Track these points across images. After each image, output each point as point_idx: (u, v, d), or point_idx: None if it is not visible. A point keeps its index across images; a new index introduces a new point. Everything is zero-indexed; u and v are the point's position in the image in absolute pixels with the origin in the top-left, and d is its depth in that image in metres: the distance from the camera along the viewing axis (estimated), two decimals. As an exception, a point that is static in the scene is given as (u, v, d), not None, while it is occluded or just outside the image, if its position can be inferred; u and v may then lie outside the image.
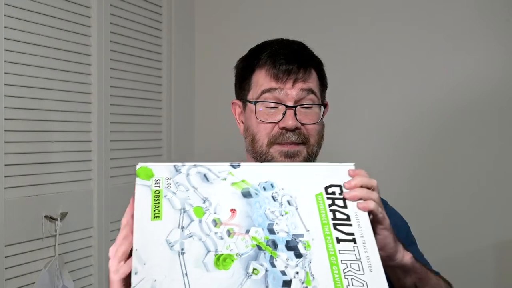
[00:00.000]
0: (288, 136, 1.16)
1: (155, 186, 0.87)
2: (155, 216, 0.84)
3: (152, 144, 2.32)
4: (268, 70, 1.18)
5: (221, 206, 0.85)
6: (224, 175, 0.89)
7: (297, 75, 1.16)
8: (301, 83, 1.17)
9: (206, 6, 2.56)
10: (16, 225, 1.65)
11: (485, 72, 2.11)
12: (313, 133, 1.19)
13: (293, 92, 1.16)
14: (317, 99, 1.19)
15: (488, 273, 2.09)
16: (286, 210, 0.86)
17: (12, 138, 1.65)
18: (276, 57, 1.18)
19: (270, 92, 1.17)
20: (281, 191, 0.88)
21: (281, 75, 1.16)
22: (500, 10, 2.09)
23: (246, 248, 0.81)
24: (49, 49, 1.77)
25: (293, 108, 1.16)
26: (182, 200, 0.85)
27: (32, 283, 1.69)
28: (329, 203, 0.88)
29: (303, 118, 1.17)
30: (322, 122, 1.22)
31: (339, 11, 2.31)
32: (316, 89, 1.20)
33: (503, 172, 2.09)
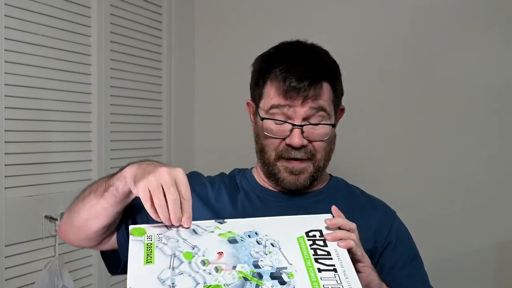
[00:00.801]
0: (293, 153, 1.17)
1: (147, 240, 0.92)
2: (147, 261, 0.88)
3: (152, 144, 2.32)
4: (278, 86, 1.17)
5: (209, 250, 0.90)
6: (211, 229, 0.96)
7: (307, 93, 1.15)
8: (310, 101, 1.16)
9: (206, 6, 2.56)
10: (16, 225, 1.65)
11: (485, 70, 2.11)
12: (320, 149, 1.19)
13: (301, 110, 1.16)
14: (327, 115, 1.18)
15: (488, 273, 2.09)
16: (270, 250, 0.92)
17: (12, 138, 1.65)
18: (288, 73, 1.16)
19: (278, 108, 1.17)
20: (265, 237, 0.94)
21: (290, 93, 1.15)
22: (497, 8, 2.09)
23: (233, 279, 0.85)
24: (49, 49, 1.77)
25: (300, 127, 1.16)
26: (173, 248, 0.90)
27: (32, 283, 1.69)
28: (310, 243, 0.93)
29: (311, 135, 1.17)
30: (332, 134, 1.20)
31: (336, 14, 2.31)
32: (327, 104, 1.18)
33: (503, 172, 2.09)
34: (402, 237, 1.25)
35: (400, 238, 1.24)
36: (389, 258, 1.20)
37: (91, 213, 1.06)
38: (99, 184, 1.07)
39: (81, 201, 1.08)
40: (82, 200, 1.08)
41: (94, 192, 1.06)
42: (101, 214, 1.05)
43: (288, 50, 1.24)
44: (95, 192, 1.05)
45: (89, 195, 1.07)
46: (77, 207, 1.09)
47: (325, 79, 1.18)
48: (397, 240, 1.23)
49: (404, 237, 1.26)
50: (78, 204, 1.09)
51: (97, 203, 1.05)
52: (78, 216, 1.08)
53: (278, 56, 1.22)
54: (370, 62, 2.26)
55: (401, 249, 1.22)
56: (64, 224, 1.16)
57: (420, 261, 1.26)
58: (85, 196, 1.08)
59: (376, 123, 2.26)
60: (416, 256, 1.26)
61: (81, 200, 1.09)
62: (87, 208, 1.06)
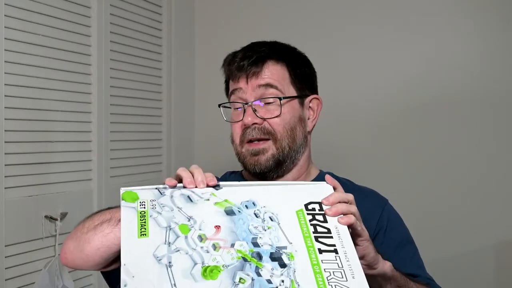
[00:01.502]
0: (249, 133, 1.19)
1: (140, 207, 0.89)
2: (141, 234, 0.85)
3: (152, 144, 2.32)
4: (228, 72, 1.24)
5: (205, 223, 0.87)
6: (207, 196, 0.92)
7: (249, 70, 1.18)
8: (254, 78, 1.19)
9: (206, 6, 2.56)
10: (16, 225, 1.65)
11: (484, 69, 2.11)
12: (278, 127, 1.19)
13: (248, 89, 1.19)
14: (280, 93, 1.19)
15: (488, 273, 2.09)
16: (268, 225, 0.89)
17: (12, 138, 1.65)
18: (234, 57, 1.22)
19: (234, 93, 1.22)
20: (263, 209, 0.91)
21: (235, 73, 1.21)
22: (492, 3, 2.09)
23: (232, 260, 0.83)
24: (49, 49, 1.77)
25: (250, 105, 1.18)
26: (168, 219, 0.87)
27: (32, 283, 1.69)
28: (309, 218, 0.91)
29: (265, 113, 1.19)
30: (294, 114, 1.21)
31: (336, 15, 2.31)
32: (279, 83, 1.19)
33: (503, 172, 2.09)
34: (393, 222, 1.23)
35: (392, 223, 1.22)
36: (381, 244, 1.18)
37: (103, 242, 1.03)
38: (112, 213, 1.05)
39: (92, 230, 1.06)
40: (93, 229, 1.06)
41: (108, 222, 1.03)
42: (113, 244, 1.03)
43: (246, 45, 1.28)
44: (109, 222, 1.03)
45: (101, 224, 1.05)
46: (86, 236, 1.06)
47: (271, 58, 1.20)
48: (388, 225, 1.21)
49: (396, 223, 1.24)
50: (88, 233, 1.06)
51: (111, 233, 1.02)
52: (89, 245, 1.06)
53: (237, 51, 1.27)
54: (363, 57, 2.26)
55: (393, 234, 1.21)
56: (71, 252, 1.13)
57: (414, 247, 1.25)
58: (96, 225, 1.06)
59: (376, 123, 2.25)
60: (410, 241, 1.24)
61: (91, 229, 1.06)
62: (99, 238, 1.04)
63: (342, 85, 2.31)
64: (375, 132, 2.26)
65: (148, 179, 2.27)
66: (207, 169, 1.43)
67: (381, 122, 2.25)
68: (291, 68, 1.22)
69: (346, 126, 2.31)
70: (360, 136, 2.28)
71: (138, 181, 2.21)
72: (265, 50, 1.21)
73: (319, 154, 1.53)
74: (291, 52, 1.26)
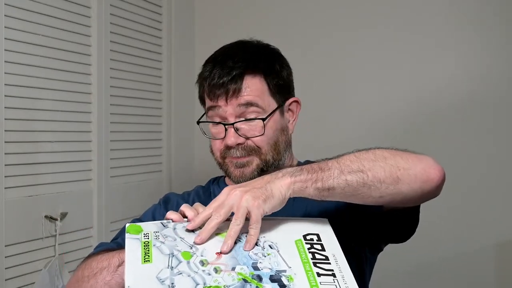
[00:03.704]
0: (233, 152, 1.17)
1: (144, 238, 0.92)
2: (145, 260, 0.88)
3: (152, 144, 2.32)
4: (205, 88, 1.19)
5: (207, 250, 0.90)
6: None
7: (227, 90, 1.15)
8: (234, 98, 1.15)
9: (206, 6, 2.56)
10: (16, 225, 1.65)
11: (482, 69, 2.11)
12: (261, 144, 1.17)
13: (229, 109, 1.16)
14: (261, 110, 1.16)
15: (488, 273, 2.09)
16: (268, 252, 0.91)
17: (12, 138, 1.65)
18: (210, 73, 1.17)
19: (212, 110, 1.19)
20: (263, 238, 0.94)
21: (214, 92, 1.16)
22: (492, 8, 2.09)
23: (232, 281, 0.85)
24: (49, 49, 1.77)
25: (232, 125, 1.15)
26: (170, 247, 0.90)
27: (32, 283, 1.69)
28: (308, 246, 0.93)
29: (247, 132, 1.17)
30: (275, 127, 1.18)
31: (336, 15, 2.32)
32: (259, 98, 1.16)
33: (504, 171, 2.09)
34: None
35: None
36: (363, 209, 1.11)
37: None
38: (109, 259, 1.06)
39: (93, 278, 1.06)
40: (94, 277, 1.06)
41: (107, 269, 1.04)
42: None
43: (219, 51, 1.25)
44: (108, 269, 1.04)
45: (101, 272, 1.05)
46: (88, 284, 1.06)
47: (250, 74, 1.16)
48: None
49: None
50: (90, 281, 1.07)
51: (112, 279, 1.03)
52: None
53: (209, 59, 1.23)
54: (363, 60, 2.27)
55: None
56: None
57: None
58: (96, 273, 1.06)
59: (376, 123, 2.26)
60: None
61: (92, 277, 1.07)
62: (101, 285, 1.04)
63: (342, 85, 2.31)
64: (375, 132, 2.26)
65: (148, 179, 2.27)
66: (207, 169, 1.44)
67: (381, 122, 2.25)
68: (269, 79, 1.18)
69: (346, 126, 2.31)
70: (361, 137, 2.28)
71: (138, 181, 2.21)
72: (241, 64, 1.17)
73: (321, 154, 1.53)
74: (266, 59, 1.21)
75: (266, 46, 1.26)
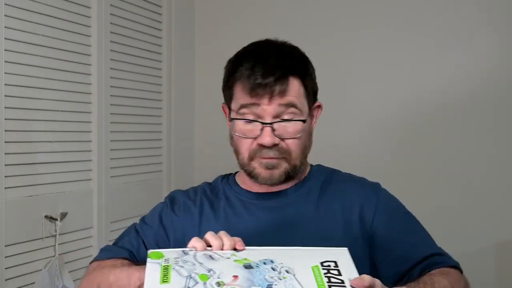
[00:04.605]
0: (266, 152, 1.15)
1: (164, 263, 0.95)
2: (163, 281, 0.91)
3: (152, 144, 2.32)
4: (244, 85, 1.15)
5: (224, 273, 0.92)
6: (228, 255, 0.98)
7: (273, 90, 1.13)
8: (278, 98, 1.13)
9: (206, 6, 2.56)
10: (16, 225, 1.65)
11: (481, 69, 2.11)
12: (293, 147, 1.16)
13: (270, 108, 1.14)
14: (298, 111, 1.15)
15: (488, 273, 2.09)
16: (284, 276, 0.93)
17: (12, 138, 1.65)
18: (253, 70, 1.15)
19: (247, 107, 1.16)
20: (280, 264, 0.96)
21: (256, 91, 1.13)
22: (492, 8, 2.09)
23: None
24: (49, 49, 1.77)
25: (270, 124, 1.14)
26: (189, 270, 0.93)
27: (32, 283, 1.69)
28: (324, 272, 0.95)
29: (283, 133, 1.15)
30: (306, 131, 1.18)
31: (335, 15, 2.32)
32: (298, 100, 1.15)
33: (504, 171, 2.09)
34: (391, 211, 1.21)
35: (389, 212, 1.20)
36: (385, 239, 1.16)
37: None
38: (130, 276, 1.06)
39: None
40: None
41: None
42: None
43: (255, 49, 1.23)
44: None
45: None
46: None
47: (292, 75, 1.15)
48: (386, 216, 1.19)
49: (393, 211, 1.21)
50: None
51: None
52: None
53: (245, 55, 1.21)
54: (363, 60, 2.27)
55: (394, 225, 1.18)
56: None
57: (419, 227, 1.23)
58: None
59: (376, 122, 2.26)
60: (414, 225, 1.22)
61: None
62: None
63: (342, 85, 2.31)
64: (376, 132, 2.26)
65: (148, 179, 2.27)
66: (207, 169, 1.43)
67: (382, 122, 2.25)
68: (306, 82, 1.18)
69: (346, 126, 2.31)
70: (361, 136, 2.28)
71: (138, 181, 2.21)
72: (283, 65, 1.15)
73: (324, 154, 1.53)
74: (301, 61, 1.21)
75: (297, 47, 1.25)
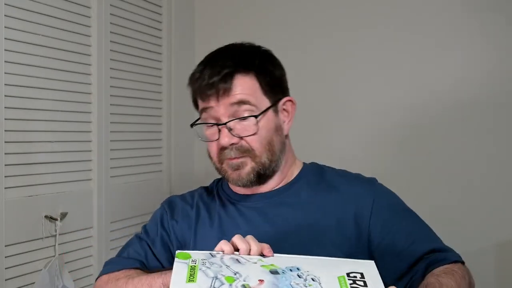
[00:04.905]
0: (228, 153, 1.17)
1: (191, 263, 0.97)
2: (190, 280, 0.92)
3: (152, 144, 2.32)
4: (196, 89, 1.19)
5: (250, 277, 0.94)
6: (254, 260, 0.99)
7: (218, 90, 1.14)
8: (225, 97, 1.15)
9: (206, 6, 2.56)
10: (16, 225, 1.65)
11: (482, 69, 2.11)
12: (254, 144, 1.16)
13: (221, 109, 1.15)
14: (254, 108, 1.16)
15: (488, 273, 2.09)
16: (310, 283, 0.94)
17: (12, 138, 1.65)
18: (202, 73, 1.17)
19: (205, 111, 1.19)
20: (306, 272, 0.97)
21: (205, 93, 1.16)
22: (492, 8, 2.09)
23: None
24: (49, 49, 1.77)
25: (225, 125, 1.15)
26: (215, 272, 0.94)
27: (32, 283, 1.69)
28: (350, 282, 0.96)
29: (241, 131, 1.16)
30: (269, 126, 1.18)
31: (336, 15, 2.32)
32: (251, 96, 1.16)
33: (504, 171, 2.09)
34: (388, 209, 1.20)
35: (386, 210, 1.19)
36: (383, 238, 1.16)
37: None
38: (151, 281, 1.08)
39: None
40: None
41: None
42: None
43: (210, 54, 1.24)
44: None
45: None
46: None
47: (240, 72, 1.16)
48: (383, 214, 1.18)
49: (390, 208, 1.21)
50: None
51: None
52: None
53: (200, 62, 1.23)
54: (364, 61, 2.27)
55: (391, 222, 1.18)
56: None
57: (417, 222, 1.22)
58: None
59: (376, 122, 2.26)
60: (412, 220, 1.21)
61: None
62: None
63: (342, 85, 2.31)
64: (376, 132, 2.26)
65: (148, 179, 2.27)
66: (207, 169, 1.43)
67: (382, 122, 2.25)
68: (261, 77, 1.18)
69: (346, 126, 2.31)
70: (360, 136, 2.28)
71: (138, 181, 2.21)
72: (231, 64, 1.16)
73: (324, 154, 1.53)
74: (258, 58, 1.21)
75: (258, 46, 1.26)
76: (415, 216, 1.24)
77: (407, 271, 1.14)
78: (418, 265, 1.14)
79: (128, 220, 2.12)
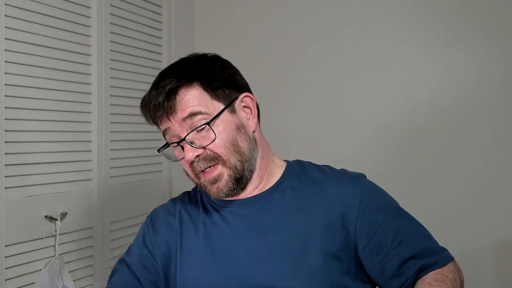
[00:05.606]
0: (197, 166, 1.17)
1: None
2: None
3: (152, 144, 2.31)
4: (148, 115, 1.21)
5: None
6: None
7: (166, 111, 1.16)
8: (175, 114, 1.16)
9: (206, 6, 2.56)
10: (16, 225, 1.65)
11: (482, 69, 2.11)
12: (218, 149, 1.16)
13: (176, 126, 1.17)
14: (207, 115, 1.16)
15: (488, 273, 2.09)
16: None
17: (12, 138, 1.65)
18: (148, 97, 1.19)
19: (166, 133, 1.21)
20: None
21: (157, 117, 1.19)
22: (491, 8, 2.10)
23: None
24: (49, 49, 1.77)
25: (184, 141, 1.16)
26: None
27: (32, 283, 1.69)
28: None
29: (202, 141, 1.16)
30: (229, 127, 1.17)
31: (336, 15, 2.32)
32: (200, 105, 1.16)
33: (503, 171, 2.09)
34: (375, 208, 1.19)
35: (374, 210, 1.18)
36: (370, 239, 1.15)
37: None
38: None
39: None
40: None
41: None
42: None
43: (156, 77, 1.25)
44: None
45: None
46: None
47: (184, 86, 1.16)
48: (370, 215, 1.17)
49: (378, 207, 1.19)
50: None
51: None
52: None
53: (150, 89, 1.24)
54: (363, 62, 2.27)
55: (379, 221, 1.17)
56: None
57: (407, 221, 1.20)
58: None
59: (375, 122, 2.26)
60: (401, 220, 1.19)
61: None
62: None
63: (342, 85, 2.31)
64: (375, 132, 2.26)
65: (148, 179, 2.27)
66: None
67: (381, 122, 2.25)
68: (206, 84, 1.18)
69: (346, 126, 2.31)
70: (360, 136, 2.28)
71: (138, 181, 2.21)
72: (173, 80, 1.17)
73: (324, 154, 1.53)
74: (200, 66, 1.21)
75: (202, 55, 1.26)
76: (404, 213, 1.22)
77: (396, 271, 1.13)
78: (409, 267, 1.13)
79: (128, 220, 2.12)
